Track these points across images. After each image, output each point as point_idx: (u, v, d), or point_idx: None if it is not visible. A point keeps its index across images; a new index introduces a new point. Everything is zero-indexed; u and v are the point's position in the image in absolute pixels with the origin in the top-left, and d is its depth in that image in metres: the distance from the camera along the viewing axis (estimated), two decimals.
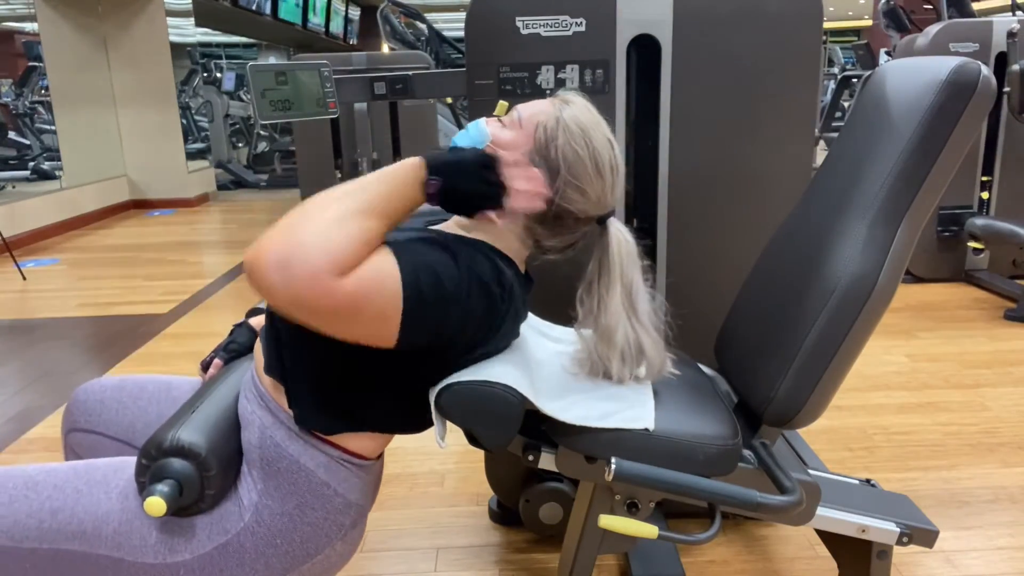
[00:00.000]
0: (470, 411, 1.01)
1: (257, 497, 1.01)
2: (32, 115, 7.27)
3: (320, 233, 0.83)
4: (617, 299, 1.12)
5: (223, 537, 0.99)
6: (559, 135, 1.06)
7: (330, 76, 1.63)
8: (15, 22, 7.01)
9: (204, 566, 0.99)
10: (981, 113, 1.05)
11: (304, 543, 1.02)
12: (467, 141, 1.08)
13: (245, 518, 1.00)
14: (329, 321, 0.87)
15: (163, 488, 0.94)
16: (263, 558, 1.00)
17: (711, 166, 1.61)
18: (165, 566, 0.98)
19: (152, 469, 0.97)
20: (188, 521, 1.00)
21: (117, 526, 0.97)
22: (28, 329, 3.52)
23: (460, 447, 2.21)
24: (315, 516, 1.02)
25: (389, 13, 4.84)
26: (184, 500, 0.97)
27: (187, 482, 0.97)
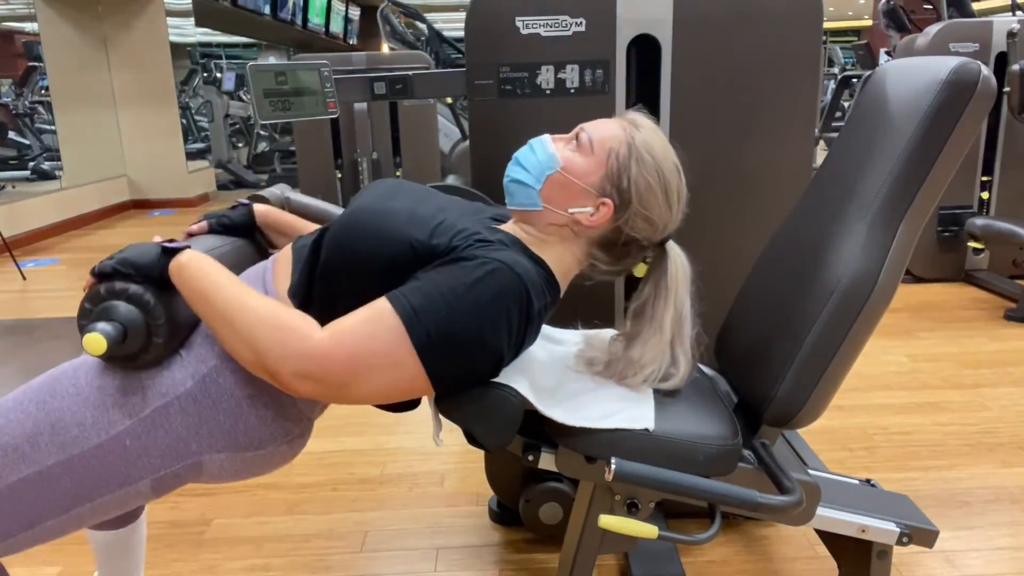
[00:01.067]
0: (470, 411, 1.01)
1: (206, 370, 1.00)
2: (32, 115, 7.27)
3: (257, 337, 0.91)
4: (668, 325, 1.13)
5: (162, 399, 0.99)
6: (632, 166, 1.05)
7: (330, 76, 1.63)
8: (15, 22, 7.01)
9: (147, 428, 0.98)
10: (981, 113, 1.05)
11: (247, 431, 1.01)
12: (535, 164, 1.07)
13: (187, 385, 0.99)
14: (348, 382, 0.92)
15: (105, 326, 0.91)
16: (205, 427, 1.00)
17: (711, 166, 1.61)
18: (111, 440, 0.97)
19: (96, 311, 0.94)
20: (119, 388, 0.98)
21: (51, 429, 0.96)
22: (28, 329, 3.52)
23: (460, 447, 2.21)
24: (265, 412, 1.02)
25: (389, 13, 4.84)
26: (127, 347, 0.94)
27: (132, 328, 0.93)
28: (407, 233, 0.99)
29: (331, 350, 0.91)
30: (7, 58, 7.21)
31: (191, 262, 0.97)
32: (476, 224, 1.04)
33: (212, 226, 1.23)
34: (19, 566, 1.69)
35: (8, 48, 7.26)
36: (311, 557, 1.73)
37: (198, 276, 0.96)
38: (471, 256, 0.96)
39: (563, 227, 1.08)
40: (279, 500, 1.97)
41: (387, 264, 0.98)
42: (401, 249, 0.98)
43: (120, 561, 1.37)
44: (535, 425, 1.13)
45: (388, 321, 0.92)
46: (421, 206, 1.05)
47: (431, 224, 1.00)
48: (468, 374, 0.99)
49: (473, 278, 0.94)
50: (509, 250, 0.99)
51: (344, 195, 5.47)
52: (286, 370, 0.91)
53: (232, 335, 0.94)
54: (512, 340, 0.99)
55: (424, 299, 0.93)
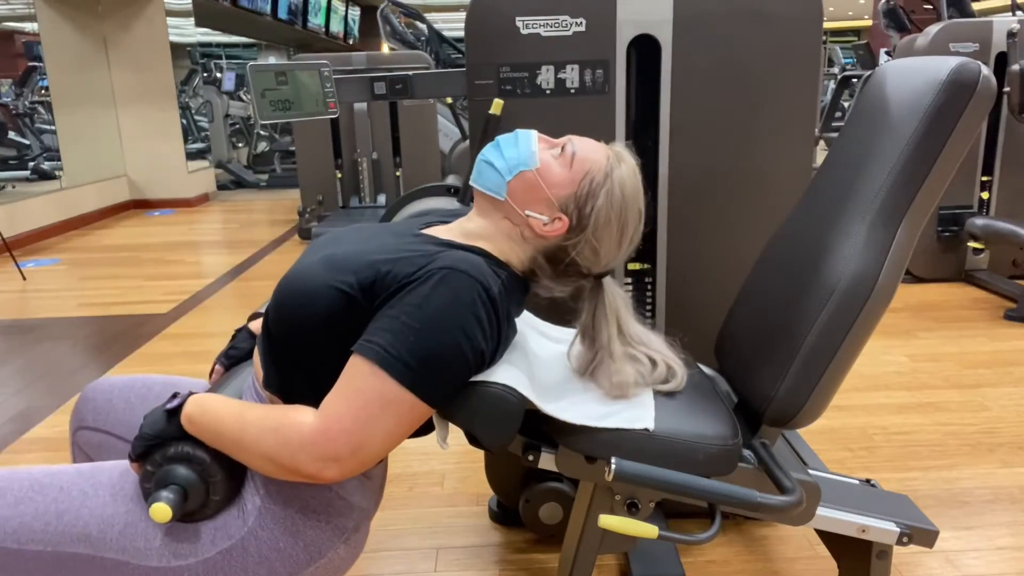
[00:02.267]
0: (470, 411, 1.01)
1: (260, 502, 1.01)
2: (32, 115, 7.27)
3: (272, 459, 0.95)
4: (618, 346, 1.15)
5: (227, 542, 1.00)
6: (601, 195, 1.06)
7: (330, 76, 1.63)
8: (15, 22, 7.01)
9: (208, 570, 0.99)
10: (981, 113, 1.05)
11: (307, 547, 1.02)
12: (513, 155, 1.08)
13: (249, 523, 1.00)
14: (358, 443, 0.93)
15: (168, 494, 0.95)
16: (267, 562, 1.00)
17: (711, 166, 1.61)
18: (169, 570, 0.98)
19: (157, 475, 0.98)
20: (192, 526, 1.00)
21: (122, 529, 0.98)
22: (28, 329, 3.52)
23: (460, 447, 2.21)
24: (318, 520, 1.02)
25: (389, 13, 4.84)
26: (189, 506, 0.97)
27: (192, 488, 0.97)
28: (331, 282, 0.97)
29: (328, 425, 0.92)
30: (7, 58, 7.21)
31: (194, 410, 0.99)
32: (401, 243, 1.04)
33: (226, 366, 1.23)
34: None
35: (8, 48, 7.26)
36: None
37: (203, 420, 0.98)
38: (413, 276, 0.96)
39: (515, 226, 1.09)
40: None
41: (326, 319, 0.97)
42: (331, 298, 0.97)
43: None
44: (535, 425, 1.13)
45: (364, 371, 0.93)
46: (336, 249, 1.04)
47: (352, 264, 0.99)
48: (459, 380, 0.99)
49: (423, 295, 0.94)
50: (443, 252, 0.99)
51: (344, 195, 5.47)
52: (301, 463, 0.93)
53: (248, 457, 0.97)
54: (489, 332, 0.99)
55: (388, 335, 0.93)
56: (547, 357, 1.25)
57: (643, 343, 1.19)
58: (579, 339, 1.20)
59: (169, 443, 0.98)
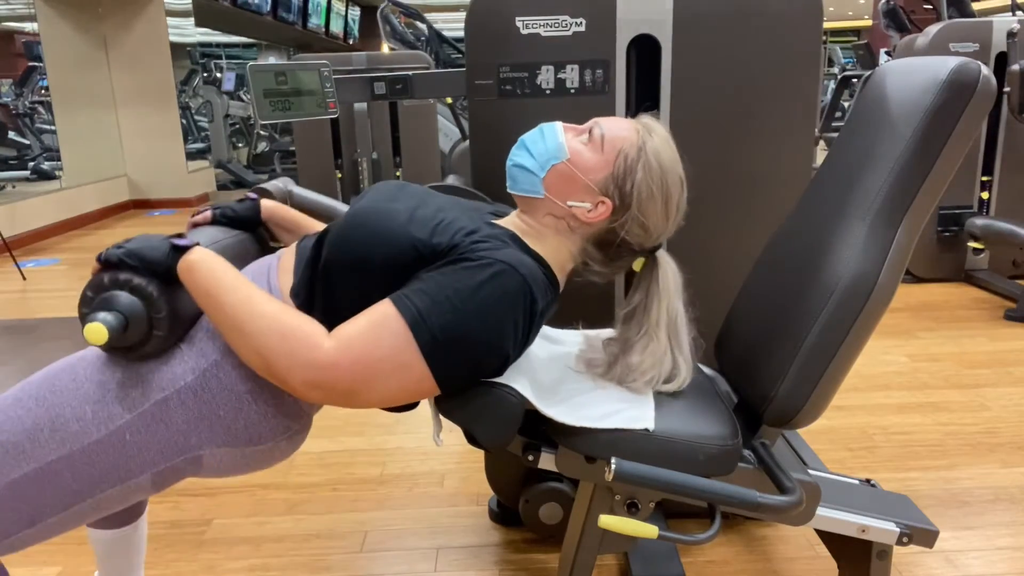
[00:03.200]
0: (469, 410, 1.01)
1: (207, 365, 1.00)
2: (32, 115, 7.27)
3: (266, 344, 0.92)
4: (663, 331, 1.13)
5: (161, 393, 0.98)
6: (638, 170, 1.05)
7: (330, 76, 1.63)
8: (15, 22, 7.01)
9: (147, 422, 0.98)
10: (981, 113, 1.05)
11: (248, 427, 1.01)
12: (542, 150, 1.07)
13: (187, 379, 0.99)
14: (357, 389, 0.92)
15: (107, 316, 0.90)
16: (205, 421, 0.99)
17: (711, 166, 1.61)
18: (110, 435, 0.97)
19: (97, 300, 0.94)
20: (119, 383, 0.98)
21: (51, 425, 0.96)
22: (28, 329, 3.52)
23: (460, 447, 2.21)
24: (265, 408, 1.01)
25: (389, 13, 4.84)
26: (128, 338, 0.93)
27: (133, 318, 0.93)
28: (408, 233, 0.99)
29: (338, 359, 0.91)
30: (7, 58, 7.21)
31: (201, 262, 0.96)
32: (476, 221, 1.04)
33: (216, 217, 1.23)
34: (19, 566, 1.69)
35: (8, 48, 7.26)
36: (311, 557, 1.73)
37: (208, 277, 0.95)
38: (474, 256, 0.95)
39: (560, 219, 1.08)
40: (279, 500, 1.97)
41: (388, 264, 0.98)
42: (402, 249, 0.98)
43: (120, 560, 1.37)
44: (535, 425, 1.13)
45: (393, 326, 0.92)
46: (422, 206, 1.05)
47: (431, 223, 1.00)
48: (474, 374, 0.99)
49: (478, 280, 0.94)
50: (511, 248, 0.99)
51: (344, 195, 5.47)
52: (295, 379, 0.92)
53: (240, 340, 0.94)
54: (517, 339, 0.99)
55: (429, 302, 0.92)
56: (547, 359, 1.25)
57: (677, 331, 1.15)
58: (621, 320, 1.16)
59: (133, 270, 0.95)
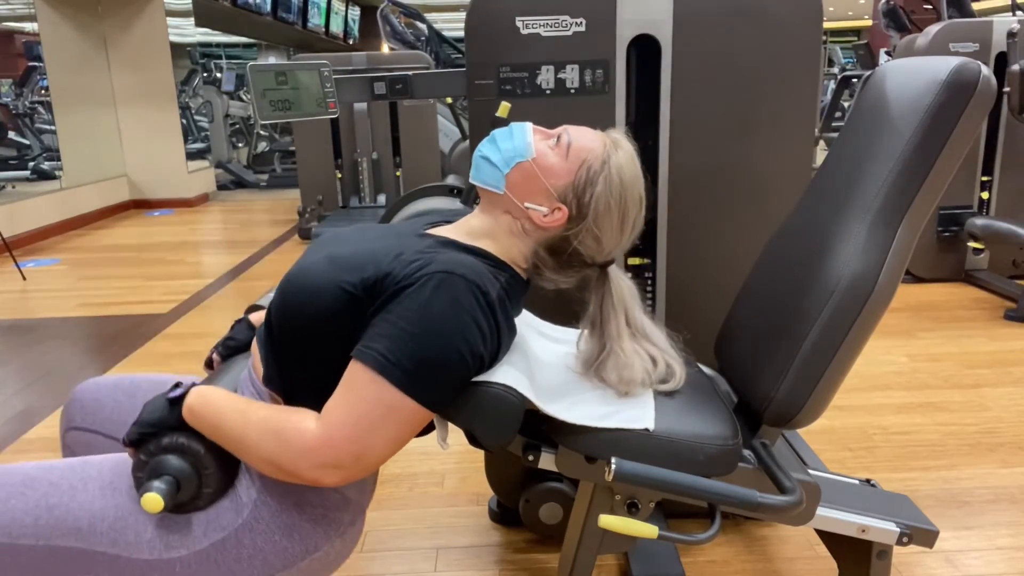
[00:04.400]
0: (470, 411, 1.01)
1: (256, 494, 1.01)
2: (32, 115, 7.27)
3: (267, 453, 0.95)
4: (627, 342, 1.14)
5: (220, 533, 1.00)
6: (599, 183, 1.05)
7: (330, 76, 1.63)
8: (15, 22, 7.02)
9: (201, 562, 0.99)
10: (981, 113, 1.05)
11: (303, 540, 1.02)
12: (509, 147, 1.07)
13: (243, 515, 1.00)
14: (360, 450, 0.93)
15: (160, 484, 0.94)
16: (261, 554, 1.00)
17: (711, 166, 1.61)
18: (161, 562, 0.98)
19: (150, 465, 0.97)
20: (185, 518, 1.00)
21: (113, 522, 0.98)
22: (28, 329, 3.52)
23: (460, 447, 2.21)
24: (313, 513, 1.03)
25: (389, 13, 4.84)
26: (181, 497, 0.97)
27: (184, 479, 0.97)
28: (334, 280, 0.98)
29: (329, 433, 0.92)
30: (7, 58, 7.21)
31: (196, 402, 0.99)
32: (403, 243, 1.04)
33: (223, 355, 1.23)
34: None
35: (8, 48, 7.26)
36: None
37: (205, 413, 0.98)
38: (411, 280, 0.95)
39: (515, 220, 1.08)
40: None
41: (328, 317, 0.98)
42: (335, 297, 0.97)
43: None
44: (535, 425, 1.13)
45: (364, 378, 0.93)
46: (338, 248, 1.04)
47: (355, 262, 0.99)
48: (459, 384, 0.99)
49: (422, 300, 0.94)
50: (440, 255, 0.99)
51: (344, 195, 5.47)
52: (303, 469, 0.93)
53: (248, 456, 0.97)
54: (488, 337, 0.99)
55: (386, 340, 0.93)
56: (547, 357, 1.25)
57: (648, 337, 1.17)
58: (586, 333, 1.18)
59: (165, 433, 0.98)
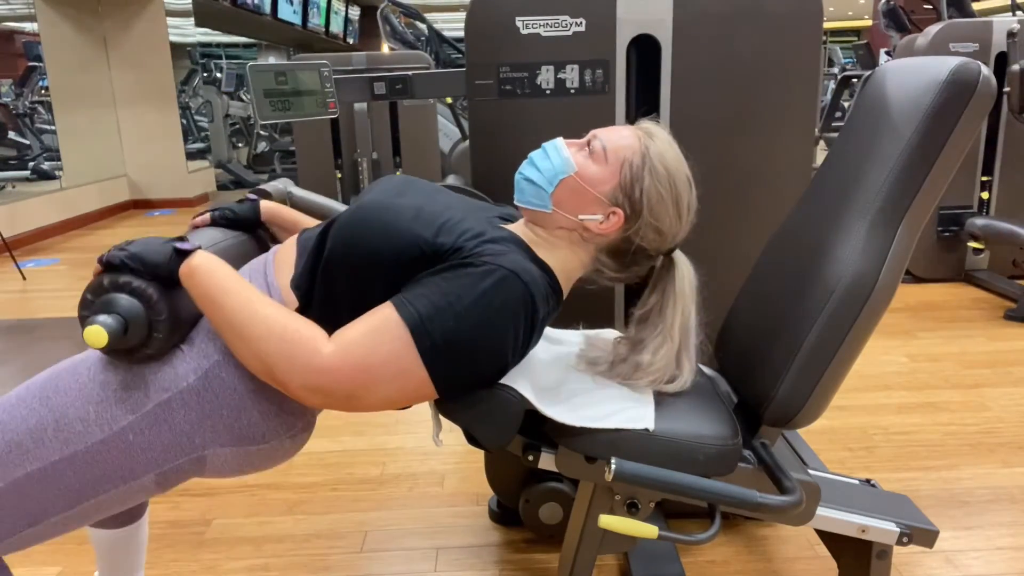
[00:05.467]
0: (470, 411, 1.01)
1: (209, 365, 1.00)
2: (32, 115, 7.27)
3: (269, 350, 0.92)
4: (677, 332, 1.13)
5: (165, 394, 0.98)
6: (645, 177, 1.06)
7: (330, 76, 1.63)
8: (15, 22, 7.01)
9: (150, 423, 0.98)
10: (981, 113, 1.05)
11: (251, 426, 1.01)
12: (548, 167, 1.07)
13: (190, 379, 0.99)
14: (356, 393, 0.92)
15: (106, 319, 0.91)
16: (208, 421, 0.99)
17: (711, 166, 1.61)
18: (114, 435, 0.97)
19: (97, 304, 0.94)
20: (123, 386, 0.98)
21: (55, 425, 0.96)
22: (28, 329, 3.52)
23: (460, 447, 2.21)
24: (268, 407, 1.01)
25: (389, 13, 4.84)
26: (129, 340, 0.94)
27: (133, 321, 0.93)
28: (413, 230, 0.98)
29: (338, 363, 0.91)
30: (7, 58, 7.21)
31: (202, 265, 0.96)
32: (482, 224, 1.04)
33: (216, 219, 1.23)
34: (19, 566, 1.69)
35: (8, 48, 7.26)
36: (311, 557, 1.73)
37: (209, 281, 0.95)
38: (478, 262, 0.95)
39: (572, 231, 1.08)
40: (279, 500, 1.97)
41: (391, 260, 0.98)
42: (406, 246, 0.98)
43: (121, 560, 1.37)
44: (535, 425, 1.13)
45: (394, 330, 0.92)
46: (428, 203, 1.04)
47: (437, 222, 1.00)
48: (473, 380, 0.99)
49: (481, 287, 0.93)
50: (515, 254, 0.99)
51: (344, 195, 5.46)
52: (294, 383, 0.92)
53: (240, 344, 0.94)
54: (517, 347, 0.99)
55: (430, 307, 0.92)
56: (548, 359, 1.25)
57: (688, 334, 1.15)
58: (636, 320, 1.16)
59: (135, 273, 0.95)
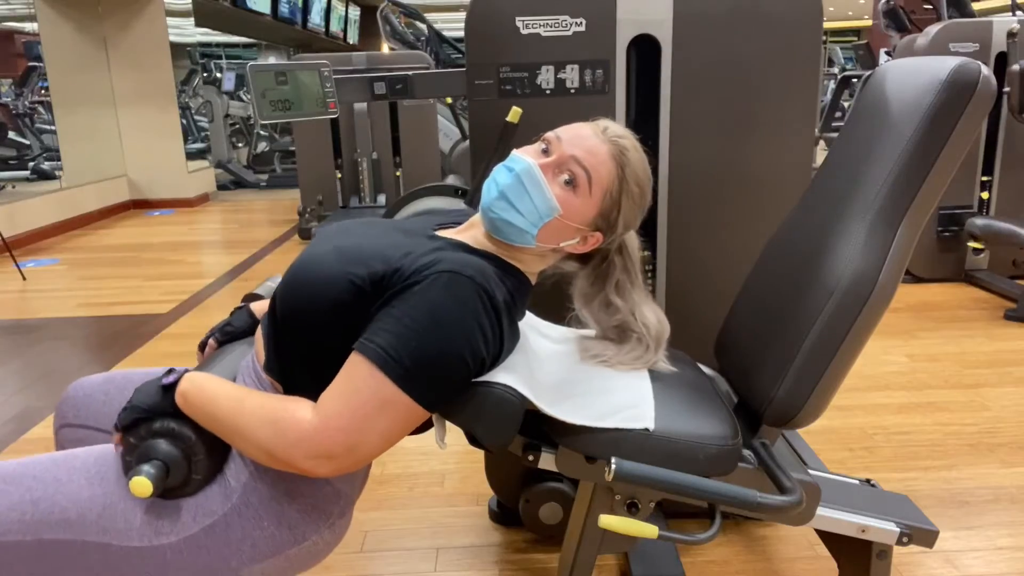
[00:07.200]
0: (470, 411, 1.01)
1: (246, 480, 1.01)
2: (32, 115, 7.27)
3: (265, 439, 0.94)
4: (642, 291, 1.19)
5: (209, 519, 1.00)
6: (623, 200, 1.07)
7: (330, 76, 1.63)
8: (15, 22, 7.02)
9: (191, 547, 0.99)
10: (981, 113, 1.05)
11: (292, 528, 1.02)
12: (530, 209, 1.03)
13: (232, 499, 1.00)
14: (354, 442, 0.93)
15: (149, 469, 0.94)
16: (249, 539, 1.00)
17: (711, 166, 1.61)
18: (152, 548, 0.98)
19: (139, 449, 0.97)
20: (174, 503, 1.00)
21: (101, 511, 0.97)
22: (28, 329, 3.52)
23: (460, 447, 2.21)
24: (304, 503, 1.03)
25: (389, 13, 4.84)
26: (170, 482, 0.97)
27: (174, 465, 0.96)
28: (344, 272, 0.98)
29: (323, 421, 0.92)
30: (7, 58, 7.21)
31: (191, 389, 0.99)
32: (415, 242, 1.04)
33: (219, 341, 1.24)
34: None
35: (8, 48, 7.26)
36: None
37: (200, 399, 0.98)
38: (419, 277, 0.95)
39: (544, 250, 1.10)
40: None
41: (333, 307, 0.98)
42: (343, 289, 0.97)
43: None
44: (535, 425, 1.13)
45: (364, 372, 0.93)
46: (346, 240, 1.04)
47: (362, 256, 1.00)
48: (457, 386, 0.99)
49: (428, 298, 0.94)
50: (452, 253, 0.99)
51: (344, 195, 5.47)
52: (296, 458, 0.93)
53: (242, 443, 0.97)
54: (490, 338, 0.99)
55: (389, 336, 0.93)
56: (547, 357, 1.25)
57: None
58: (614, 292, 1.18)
59: (155, 418, 0.98)
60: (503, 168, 1.07)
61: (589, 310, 1.20)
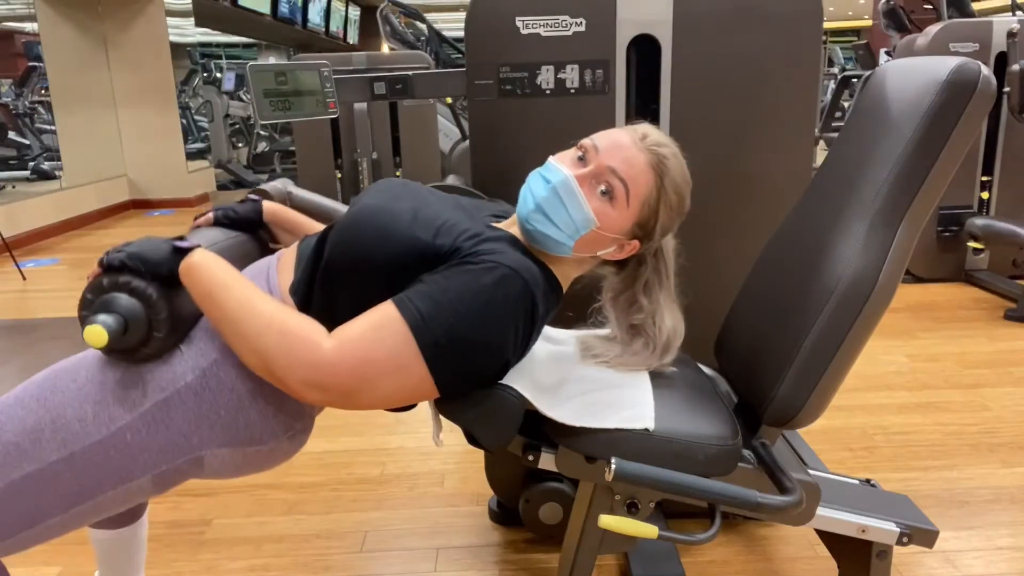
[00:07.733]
0: (470, 411, 1.01)
1: (207, 364, 0.99)
2: (32, 115, 7.27)
3: (269, 345, 0.92)
4: (670, 295, 1.18)
5: (162, 393, 0.98)
6: (661, 210, 1.06)
7: (330, 76, 1.63)
8: (15, 22, 7.02)
9: (147, 424, 0.97)
10: (981, 113, 1.05)
11: (249, 426, 1.01)
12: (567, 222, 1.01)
13: (188, 378, 0.99)
14: (356, 390, 0.92)
15: (107, 319, 0.91)
16: (206, 421, 0.99)
17: (711, 166, 1.61)
18: (111, 436, 0.97)
19: (97, 303, 0.94)
20: (121, 385, 0.98)
21: (52, 426, 0.96)
22: (28, 329, 3.52)
23: (460, 447, 2.21)
24: (266, 407, 1.01)
25: (389, 13, 4.84)
26: (128, 339, 0.93)
27: (133, 321, 0.93)
28: (411, 234, 0.98)
29: (338, 359, 0.91)
30: (7, 58, 7.21)
31: (201, 263, 0.96)
32: (478, 224, 1.04)
33: (218, 219, 1.23)
34: (19, 566, 1.69)
35: (8, 48, 7.26)
36: (311, 557, 1.73)
37: (208, 277, 0.95)
38: (477, 260, 0.95)
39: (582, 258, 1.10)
40: (279, 500, 1.97)
41: (390, 264, 0.98)
42: (405, 249, 0.98)
43: (121, 561, 1.37)
44: (535, 425, 1.13)
45: (395, 327, 0.92)
46: (425, 207, 1.04)
47: (434, 224, 1.00)
48: (474, 379, 0.99)
49: (481, 284, 0.93)
50: (514, 252, 0.99)
51: (344, 195, 5.46)
52: (293, 378, 0.92)
53: (239, 340, 0.94)
54: (517, 345, 0.99)
55: (431, 305, 0.92)
56: (547, 358, 1.25)
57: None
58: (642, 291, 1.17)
59: (145, 274, 0.95)
60: (539, 177, 1.05)
61: (615, 304, 1.19)
